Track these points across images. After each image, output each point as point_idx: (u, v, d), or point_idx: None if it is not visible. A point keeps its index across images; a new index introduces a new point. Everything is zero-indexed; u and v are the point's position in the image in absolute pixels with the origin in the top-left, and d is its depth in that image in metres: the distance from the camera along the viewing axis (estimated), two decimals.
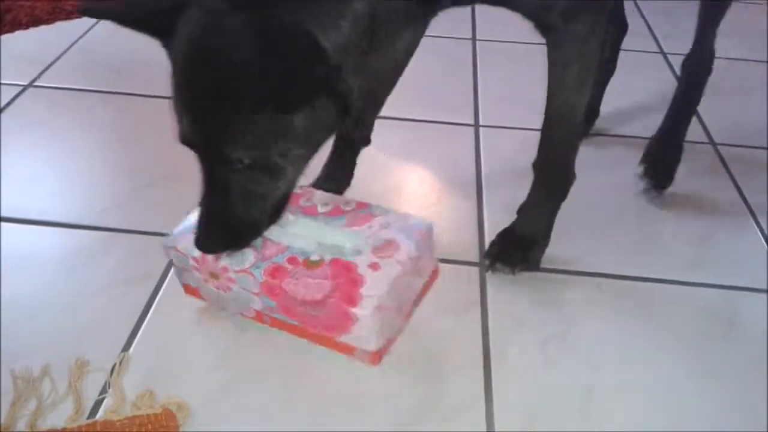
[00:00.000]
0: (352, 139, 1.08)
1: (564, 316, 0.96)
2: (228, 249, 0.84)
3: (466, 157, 1.27)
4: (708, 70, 1.21)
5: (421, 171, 1.23)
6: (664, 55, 1.67)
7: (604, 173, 1.23)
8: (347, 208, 0.91)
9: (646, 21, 1.82)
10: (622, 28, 1.29)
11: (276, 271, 0.83)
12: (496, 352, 0.90)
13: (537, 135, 1.29)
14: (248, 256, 0.85)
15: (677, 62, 1.25)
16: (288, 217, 0.89)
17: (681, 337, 0.93)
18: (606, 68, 1.30)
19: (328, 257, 0.84)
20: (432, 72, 1.51)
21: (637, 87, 1.48)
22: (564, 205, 1.01)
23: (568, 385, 0.86)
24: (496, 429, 0.81)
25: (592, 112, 1.33)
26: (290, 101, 0.72)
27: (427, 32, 0.88)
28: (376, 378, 0.85)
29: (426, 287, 0.93)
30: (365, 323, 0.80)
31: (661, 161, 1.20)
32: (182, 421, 0.78)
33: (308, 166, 0.82)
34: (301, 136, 0.75)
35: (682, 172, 1.19)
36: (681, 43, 1.26)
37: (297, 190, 0.90)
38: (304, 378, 0.85)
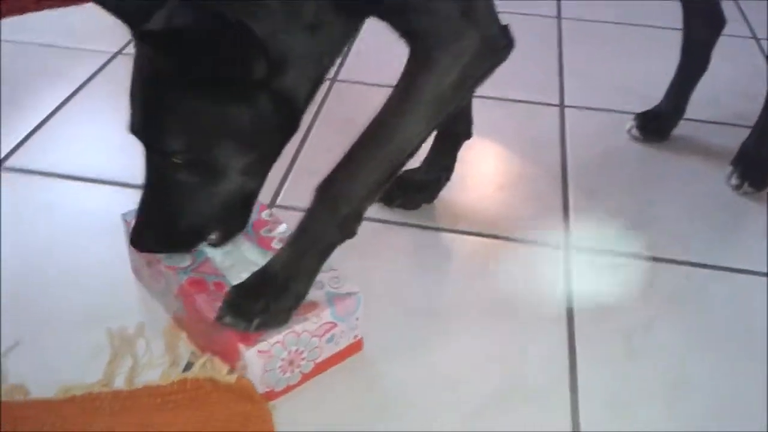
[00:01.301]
0: (454, 132, 1.06)
1: (650, 304, 0.95)
2: (160, 250, 0.83)
3: (550, 137, 1.25)
4: None
5: (504, 151, 1.23)
6: (757, 40, 1.61)
7: (695, 160, 1.20)
8: None
9: (738, 4, 1.76)
10: (718, 23, 1.21)
11: (197, 284, 0.81)
12: (581, 339, 0.89)
13: (624, 117, 1.30)
14: (185, 259, 0.84)
15: None
16: (242, 239, 0.87)
17: None
18: (696, 66, 1.24)
19: None
20: (517, 50, 1.48)
21: (728, 73, 1.43)
22: (655, 191, 0.98)
23: (654, 376, 0.86)
24: (580, 415, 0.81)
25: (677, 111, 1.27)
26: (224, 89, 0.71)
27: (511, 8, 0.86)
28: (458, 358, 0.86)
29: (340, 356, 0.83)
30: (248, 361, 0.76)
31: (755, 163, 1.15)
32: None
33: (262, 179, 0.80)
34: (244, 136, 0.74)
35: None
36: None
37: (267, 217, 0.90)
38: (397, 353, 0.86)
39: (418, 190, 1.08)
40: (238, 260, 0.84)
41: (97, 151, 1.17)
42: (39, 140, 1.18)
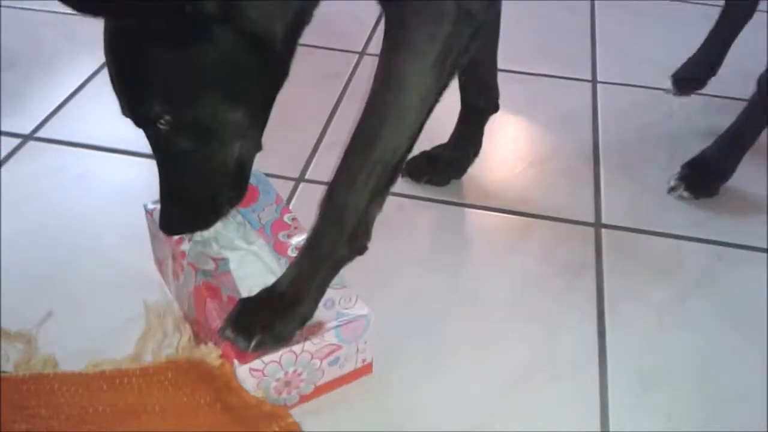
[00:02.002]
0: (479, 106, 1.04)
1: (681, 282, 0.94)
2: (185, 230, 0.79)
3: (582, 113, 1.23)
4: None
5: (536, 126, 1.21)
6: None
7: None
8: None
9: None
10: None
11: (213, 290, 0.77)
12: (611, 314, 0.89)
13: (657, 94, 1.28)
14: (209, 263, 0.81)
15: None
16: (258, 237, 0.84)
17: None
18: (736, 16, 1.20)
19: None
20: (548, 24, 1.47)
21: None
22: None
23: (683, 353, 0.85)
24: (609, 389, 0.80)
25: (710, 68, 1.24)
26: (184, 36, 0.65)
27: None
28: (486, 331, 0.86)
29: (344, 380, 0.79)
30: (240, 378, 0.73)
31: (705, 173, 1.08)
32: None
33: (255, 140, 0.76)
34: (220, 84, 0.68)
35: None
36: None
37: (288, 221, 0.86)
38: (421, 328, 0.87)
39: (446, 166, 1.07)
40: (252, 269, 0.81)
41: (126, 123, 1.17)
42: (69, 111, 1.19)
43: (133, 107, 0.71)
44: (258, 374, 0.73)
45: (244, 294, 0.78)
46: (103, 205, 1.01)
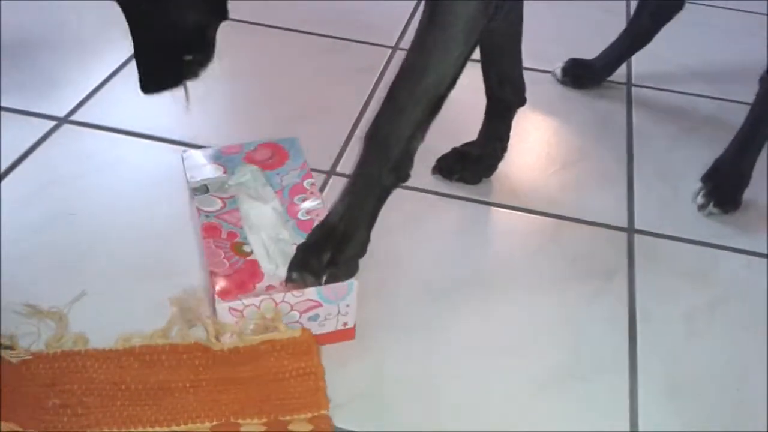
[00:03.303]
0: (505, 99, 1.04)
1: (712, 290, 0.93)
2: (158, 87, 0.83)
3: (616, 116, 1.23)
4: None
5: (569, 127, 1.21)
6: None
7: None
8: None
9: None
10: (675, 3, 1.19)
11: (212, 229, 0.83)
12: (642, 320, 0.88)
13: (692, 99, 1.27)
14: (216, 203, 0.86)
15: None
16: (274, 196, 0.87)
17: None
18: (639, 36, 1.23)
19: (253, 255, 0.80)
20: (583, 24, 1.46)
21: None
22: None
23: (714, 360, 0.84)
24: (639, 394, 0.80)
25: (606, 69, 1.27)
26: None
27: None
28: (513, 332, 0.86)
29: (326, 339, 0.81)
30: (219, 315, 0.77)
31: (727, 182, 1.06)
32: None
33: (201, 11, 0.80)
34: None
35: None
36: None
37: (308, 186, 0.88)
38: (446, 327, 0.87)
39: (476, 164, 1.07)
40: (262, 220, 0.85)
41: (159, 109, 1.18)
42: (104, 95, 1.19)
43: None
44: (236, 314, 0.77)
45: (249, 235, 0.82)
46: (136, 190, 1.02)
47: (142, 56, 0.83)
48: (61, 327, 0.80)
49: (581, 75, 1.28)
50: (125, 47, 1.29)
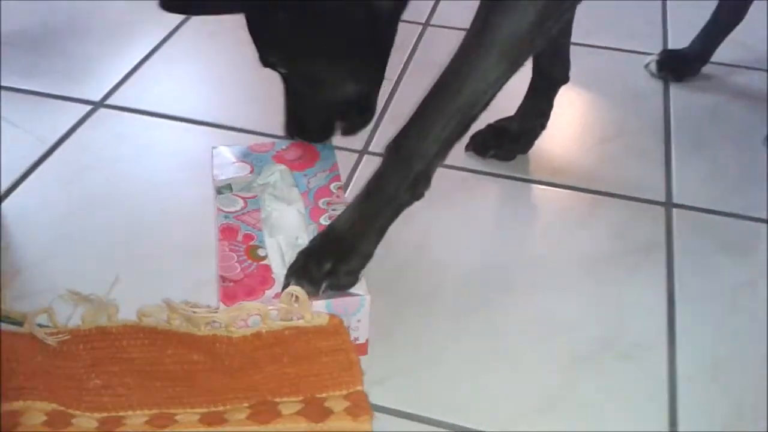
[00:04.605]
0: (551, 75, 1.02)
1: (753, 265, 0.91)
2: (306, 137, 0.91)
3: (653, 88, 1.20)
4: None
5: (604, 101, 1.19)
6: None
7: None
8: None
9: None
10: None
11: (229, 231, 0.81)
12: (681, 295, 0.87)
13: (730, 70, 1.24)
14: (237, 203, 0.84)
15: None
16: (299, 198, 0.85)
17: None
18: (730, 15, 1.17)
19: (268, 260, 0.78)
20: None
21: None
22: (763, 148, 0.93)
23: (755, 337, 0.83)
24: (678, 371, 0.79)
25: (702, 56, 1.22)
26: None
27: None
28: (551, 308, 0.85)
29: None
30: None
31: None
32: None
33: (374, 76, 0.85)
34: (326, 46, 0.79)
35: None
36: None
37: (334, 189, 0.85)
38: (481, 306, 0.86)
39: (513, 140, 1.05)
40: (284, 222, 0.82)
41: (193, 92, 1.19)
42: (139, 79, 1.20)
43: (260, 54, 0.83)
44: (242, 323, 0.75)
45: (267, 239, 0.80)
46: (171, 173, 1.03)
47: (296, 110, 0.88)
48: (98, 308, 0.79)
49: (679, 67, 1.22)
50: (157, 31, 1.31)
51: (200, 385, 0.73)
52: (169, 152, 1.07)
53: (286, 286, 0.74)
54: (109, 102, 1.15)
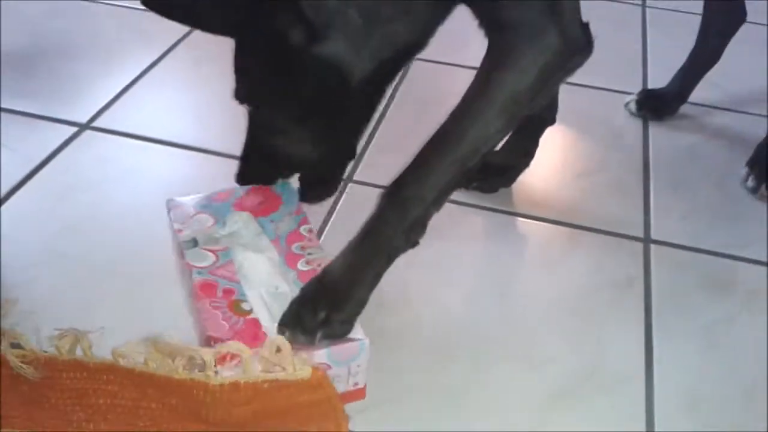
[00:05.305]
0: (540, 117, 1.03)
1: (730, 301, 0.93)
2: (252, 182, 0.89)
3: (633, 126, 1.23)
4: None
5: (585, 138, 1.21)
6: None
7: None
8: None
9: None
10: (737, 17, 1.17)
11: (207, 287, 0.76)
12: (659, 330, 0.88)
13: (708, 111, 1.27)
14: (208, 258, 0.80)
15: None
16: (271, 246, 0.82)
17: None
18: (708, 55, 1.21)
19: (254, 314, 0.75)
20: (599, 36, 1.46)
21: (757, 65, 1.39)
22: (741, 187, 0.95)
23: (732, 372, 0.84)
24: (655, 405, 0.80)
25: (680, 96, 1.25)
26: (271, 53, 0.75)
27: None
28: (530, 341, 0.86)
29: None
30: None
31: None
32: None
33: (338, 146, 0.83)
34: (294, 103, 0.78)
35: None
36: None
37: (305, 233, 0.84)
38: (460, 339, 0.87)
39: (496, 174, 1.07)
40: (258, 272, 0.79)
41: (180, 116, 1.20)
42: (126, 102, 1.21)
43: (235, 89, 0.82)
44: (220, 365, 0.71)
45: (247, 291, 0.76)
46: (155, 196, 1.01)
47: (252, 156, 0.87)
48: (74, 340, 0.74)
49: (657, 106, 1.25)
50: (146, 55, 1.31)
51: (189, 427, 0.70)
52: (153, 176, 1.07)
53: (279, 333, 0.72)
54: (95, 124, 1.15)
